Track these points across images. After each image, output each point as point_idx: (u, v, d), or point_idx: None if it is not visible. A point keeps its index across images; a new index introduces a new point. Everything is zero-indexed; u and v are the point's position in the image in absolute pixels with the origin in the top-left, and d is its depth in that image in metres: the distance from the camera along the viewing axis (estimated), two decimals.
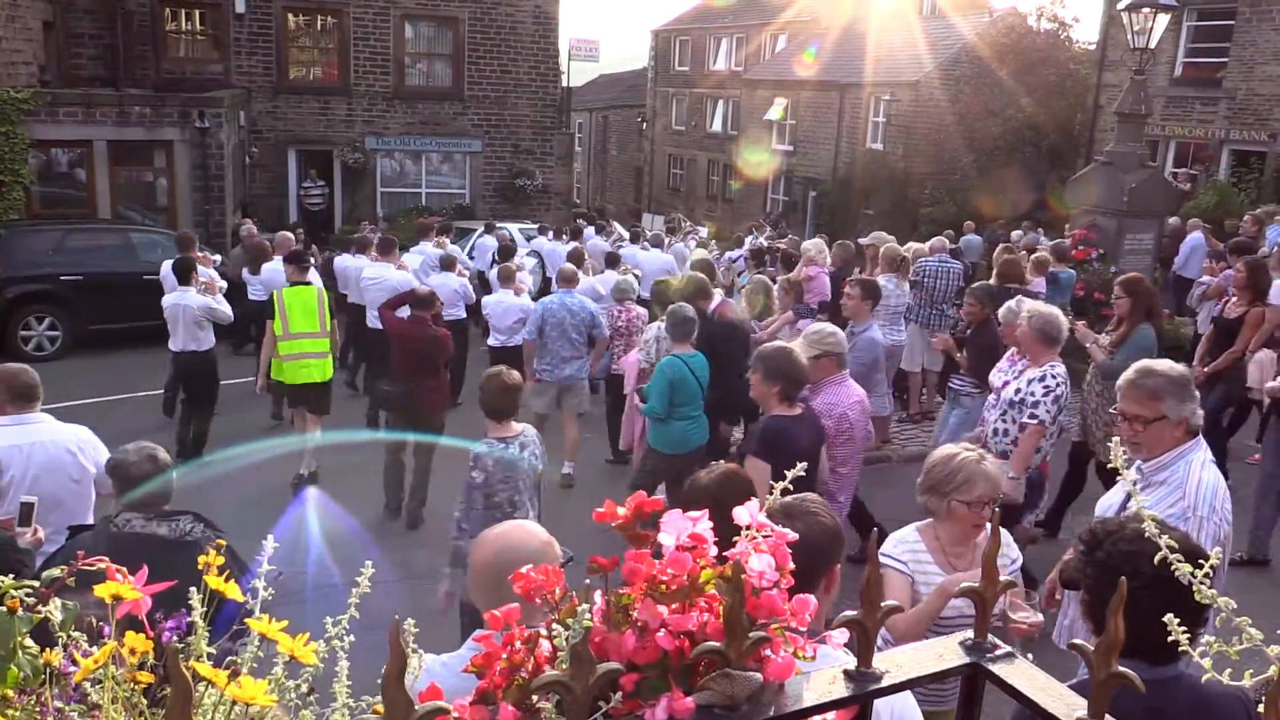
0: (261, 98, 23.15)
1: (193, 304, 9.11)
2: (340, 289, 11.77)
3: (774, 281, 10.83)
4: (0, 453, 4.61)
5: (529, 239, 18.86)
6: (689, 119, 44.21)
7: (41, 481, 4.65)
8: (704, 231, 26.14)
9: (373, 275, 10.73)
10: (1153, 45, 12.20)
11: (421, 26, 24.64)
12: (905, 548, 3.40)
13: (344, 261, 12.34)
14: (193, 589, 1.08)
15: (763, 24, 40.52)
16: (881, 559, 3.08)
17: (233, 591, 1.07)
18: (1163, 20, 12.02)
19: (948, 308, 10.63)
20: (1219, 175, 21.47)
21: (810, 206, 33.08)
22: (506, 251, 13.21)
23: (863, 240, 12.95)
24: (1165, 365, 3.63)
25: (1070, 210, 13.56)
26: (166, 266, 10.82)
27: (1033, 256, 11.61)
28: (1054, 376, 5.87)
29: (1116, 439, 1.84)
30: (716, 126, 42.29)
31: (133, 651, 1.04)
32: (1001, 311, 6.94)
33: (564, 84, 28.08)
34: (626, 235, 19.14)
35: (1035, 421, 5.83)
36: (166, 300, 9.45)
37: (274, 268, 10.98)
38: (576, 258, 12.13)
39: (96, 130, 17.70)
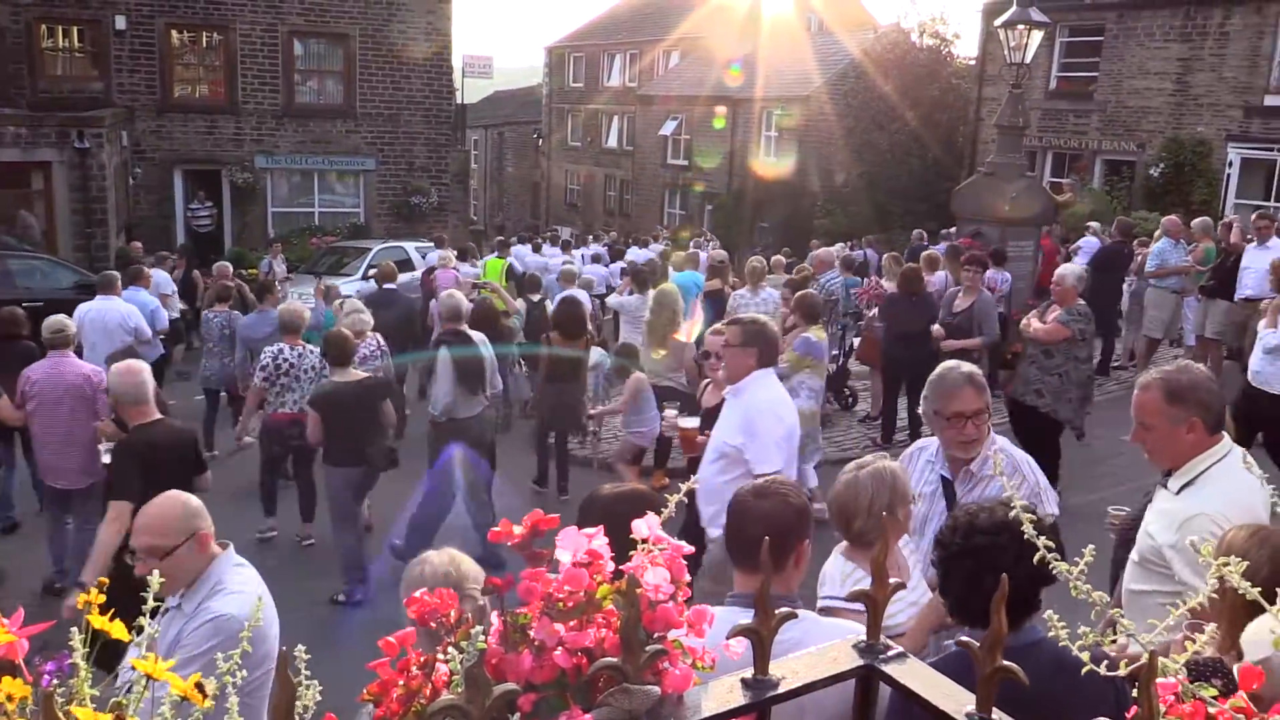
0: (145, 116, 22.42)
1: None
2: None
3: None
4: (92, 314, 9.37)
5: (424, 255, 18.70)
6: (585, 135, 44.33)
7: (109, 332, 9.35)
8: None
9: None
10: (1028, 60, 12.67)
11: (311, 43, 24.20)
12: (850, 581, 3.16)
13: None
14: (74, 630, 1.05)
15: (655, 40, 40.90)
16: (839, 605, 2.98)
17: (118, 631, 1.03)
18: (1037, 36, 12.49)
19: (848, 320, 11.01)
20: (1093, 184, 22.41)
21: (706, 220, 33.47)
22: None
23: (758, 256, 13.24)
24: (969, 364, 3.91)
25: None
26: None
27: (923, 256, 12.02)
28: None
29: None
30: (612, 142, 42.49)
31: (10, 698, 1.00)
32: None
33: (458, 101, 27.88)
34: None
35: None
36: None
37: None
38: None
39: None
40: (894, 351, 9.91)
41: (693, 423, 5.42)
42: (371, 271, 15.34)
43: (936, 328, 9.04)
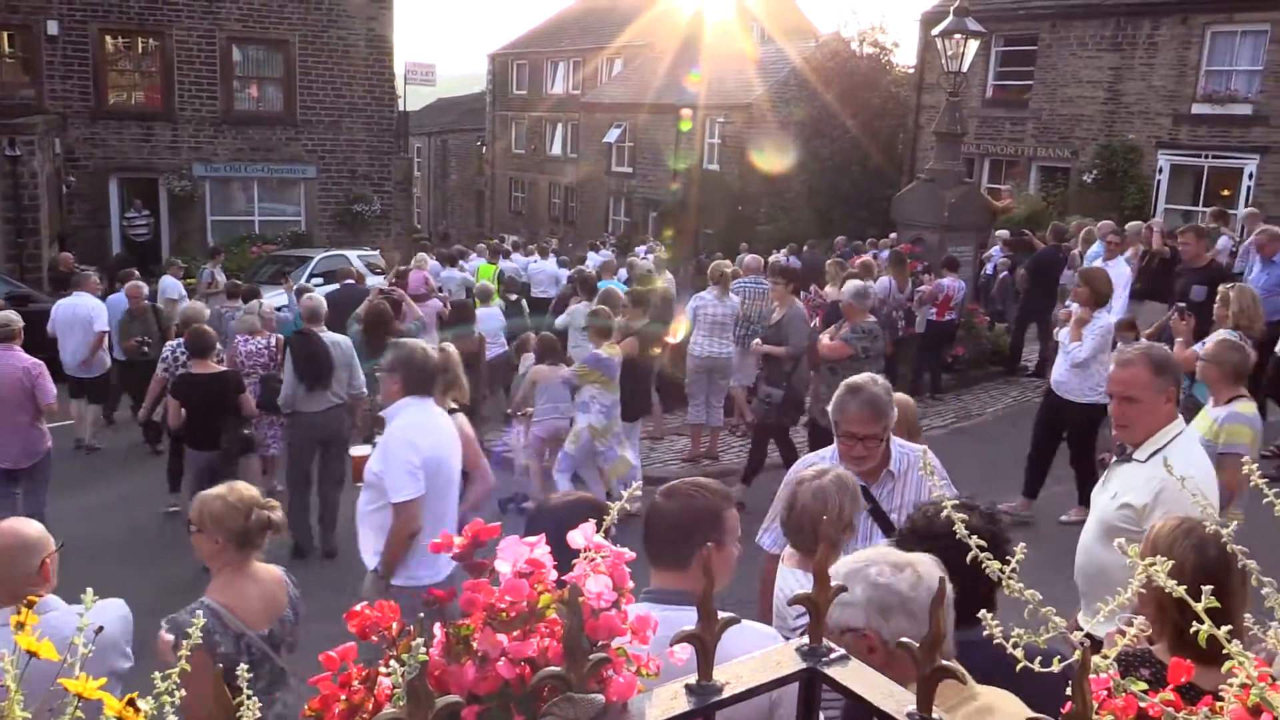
0: (79, 123, 21.94)
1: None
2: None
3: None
4: (63, 308, 10.74)
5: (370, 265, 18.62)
6: (529, 142, 44.25)
7: (78, 322, 10.55)
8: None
9: None
10: (965, 69, 12.91)
11: (250, 49, 23.86)
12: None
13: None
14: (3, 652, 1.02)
15: (598, 48, 40.97)
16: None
17: (46, 651, 1.01)
18: (973, 45, 12.73)
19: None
20: (1029, 190, 22.85)
21: (651, 226, 33.57)
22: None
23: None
24: (881, 384, 3.82)
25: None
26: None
27: (858, 261, 12.18)
28: None
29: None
30: (556, 149, 42.46)
31: None
32: None
33: (400, 108, 27.67)
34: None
35: None
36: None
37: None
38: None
39: None
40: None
41: (363, 451, 5.19)
42: (315, 281, 15.44)
43: (756, 340, 9.13)
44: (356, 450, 5.34)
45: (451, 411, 5.30)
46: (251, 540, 3.49)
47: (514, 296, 13.67)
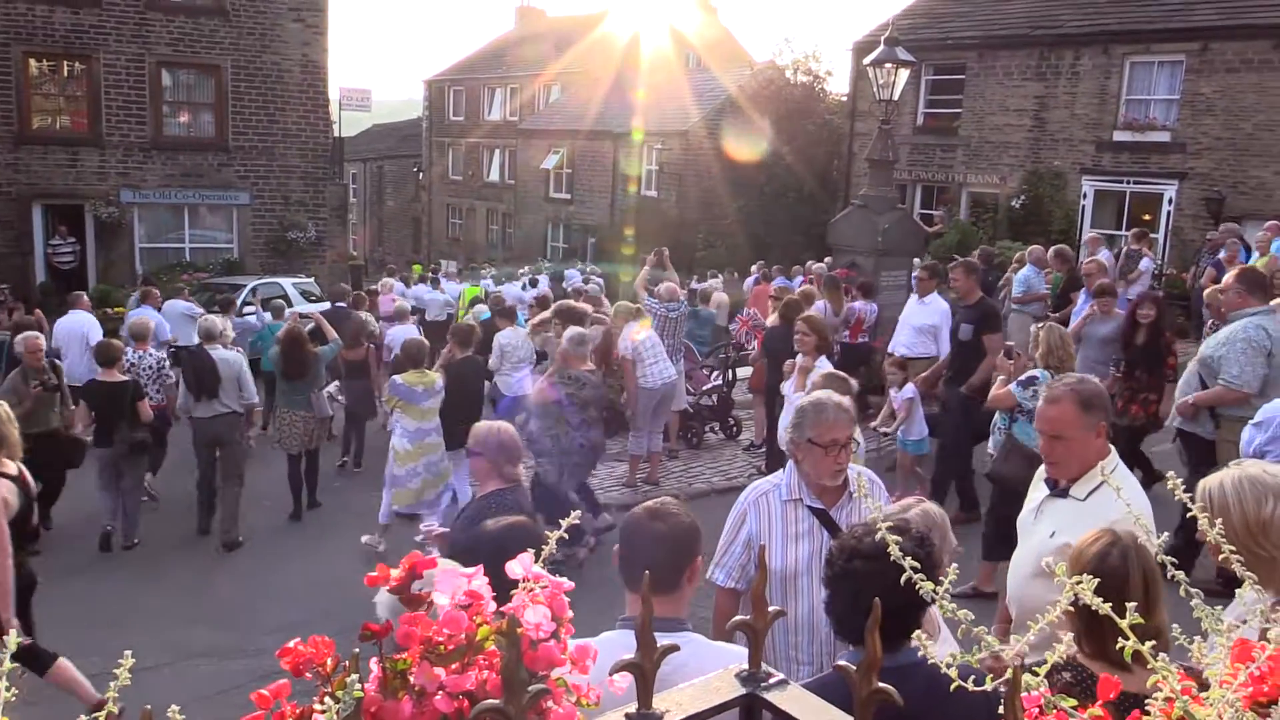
0: (0, 149, 21.40)
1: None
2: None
3: None
4: (64, 324, 11.78)
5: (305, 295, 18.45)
6: (465, 168, 44.13)
7: (75, 338, 11.49)
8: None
9: None
10: (896, 97, 13.16)
11: (180, 74, 23.50)
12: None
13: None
14: None
15: (535, 75, 41.07)
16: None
17: None
18: (903, 74, 12.99)
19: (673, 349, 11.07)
20: (960, 216, 23.32)
21: (589, 252, 33.65)
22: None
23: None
24: (838, 394, 3.86)
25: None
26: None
27: (800, 289, 12.31)
28: None
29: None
30: (493, 176, 42.40)
31: None
32: None
33: (335, 134, 27.44)
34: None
35: None
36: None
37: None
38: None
39: None
40: (775, 380, 10.09)
41: None
42: (248, 308, 15.35)
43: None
44: None
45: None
46: None
47: (485, 315, 14.81)
